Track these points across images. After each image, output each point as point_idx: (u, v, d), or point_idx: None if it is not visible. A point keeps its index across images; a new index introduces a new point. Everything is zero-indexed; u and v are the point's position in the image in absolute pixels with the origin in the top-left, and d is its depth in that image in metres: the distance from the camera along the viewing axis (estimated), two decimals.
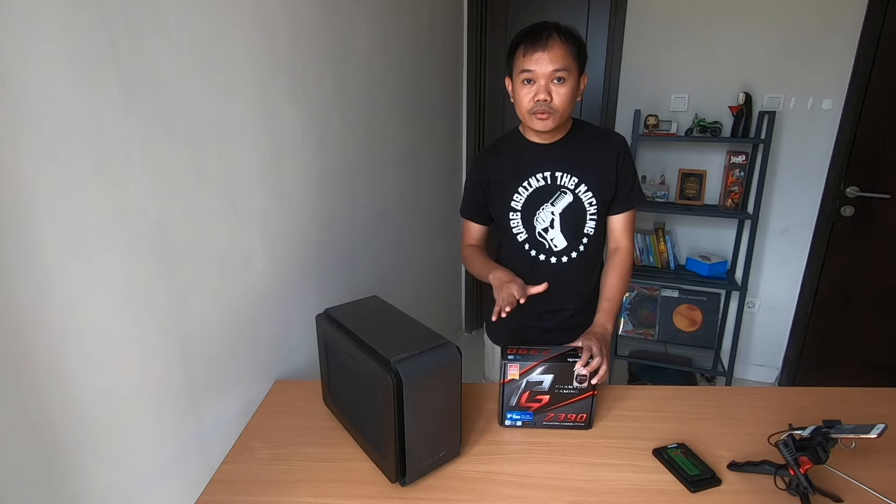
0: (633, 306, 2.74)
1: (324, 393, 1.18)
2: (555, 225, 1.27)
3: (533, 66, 1.12)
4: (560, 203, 1.26)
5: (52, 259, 0.74)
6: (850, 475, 0.93)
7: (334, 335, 1.05)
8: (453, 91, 2.63)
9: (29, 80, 0.69)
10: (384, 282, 1.89)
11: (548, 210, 1.27)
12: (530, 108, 1.16)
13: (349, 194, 1.61)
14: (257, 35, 1.14)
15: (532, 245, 1.29)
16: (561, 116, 1.17)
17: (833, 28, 2.23)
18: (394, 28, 1.85)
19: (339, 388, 1.11)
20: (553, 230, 1.28)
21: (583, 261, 1.31)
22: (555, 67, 1.11)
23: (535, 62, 1.12)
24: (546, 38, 1.11)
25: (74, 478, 0.80)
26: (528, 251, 1.30)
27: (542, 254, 1.30)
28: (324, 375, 1.15)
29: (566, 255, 1.29)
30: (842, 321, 2.54)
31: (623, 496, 0.92)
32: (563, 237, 1.28)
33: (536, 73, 1.12)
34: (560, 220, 1.27)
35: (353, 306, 1.15)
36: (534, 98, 1.15)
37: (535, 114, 1.16)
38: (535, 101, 1.15)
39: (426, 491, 0.93)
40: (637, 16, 2.46)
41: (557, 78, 1.13)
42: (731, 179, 2.43)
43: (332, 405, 1.15)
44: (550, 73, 1.12)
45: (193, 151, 0.99)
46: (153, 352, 0.93)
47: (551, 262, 1.30)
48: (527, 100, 1.16)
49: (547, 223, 1.28)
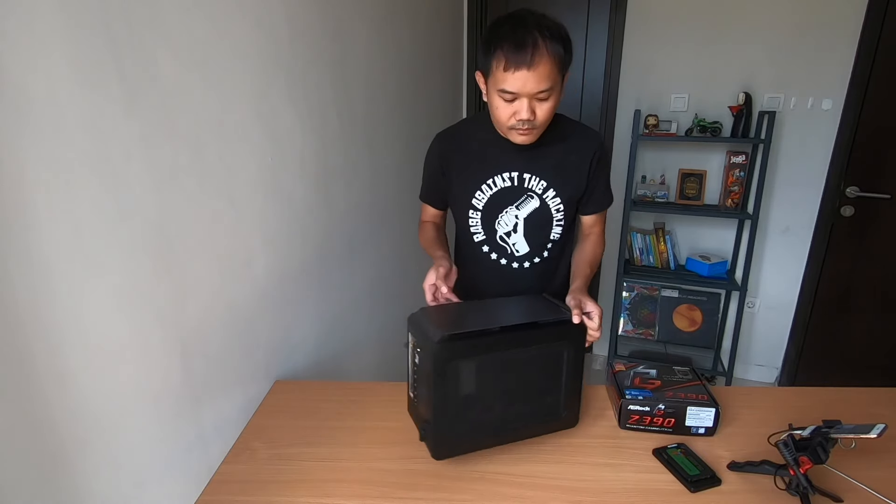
0: (633, 306, 2.74)
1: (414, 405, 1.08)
2: (518, 230, 1.20)
3: (516, 89, 0.99)
4: (525, 208, 1.18)
5: (52, 259, 0.73)
6: (850, 475, 0.93)
7: (474, 348, 0.96)
8: (453, 91, 2.63)
9: (29, 80, 0.69)
10: (384, 281, 1.89)
11: (511, 214, 1.18)
12: (511, 124, 1.06)
13: (349, 194, 1.61)
14: (257, 35, 1.14)
15: (492, 248, 1.22)
16: (542, 129, 1.08)
17: (833, 28, 2.23)
18: (394, 28, 1.85)
19: (486, 395, 1.01)
20: (516, 235, 1.20)
21: (546, 266, 1.26)
22: (540, 88, 0.99)
23: (518, 83, 0.98)
24: (532, 54, 0.96)
25: (74, 478, 0.80)
26: (488, 254, 1.22)
27: (503, 258, 1.23)
28: (438, 401, 0.96)
29: (528, 261, 1.24)
30: (842, 321, 2.54)
31: (623, 496, 0.92)
32: (525, 243, 1.21)
33: (519, 95, 1.00)
34: (524, 224, 1.19)
35: (439, 315, 1.04)
36: (514, 116, 1.03)
37: (515, 129, 1.06)
38: (518, 120, 1.04)
39: (426, 491, 0.93)
40: (637, 16, 2.46)
41: (542, 95, 1.01)
42: (731, 179, 2.43)
43: (457, 425, 1.00)
44: (535, 93, 1.00)
45: (193, 151, 0.99)
46: (153, 352, 0.93)
47: (513, 266, 1.24)
48: (506, 116, 1.05)
49: (510, 227, 1.20)
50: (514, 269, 1.24)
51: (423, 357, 0.95)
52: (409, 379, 1.05)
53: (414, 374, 1.02)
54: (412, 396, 1.05)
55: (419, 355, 0.97)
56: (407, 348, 1.02)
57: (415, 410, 1.05)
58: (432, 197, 1.30)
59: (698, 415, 1.05)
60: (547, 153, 1.16)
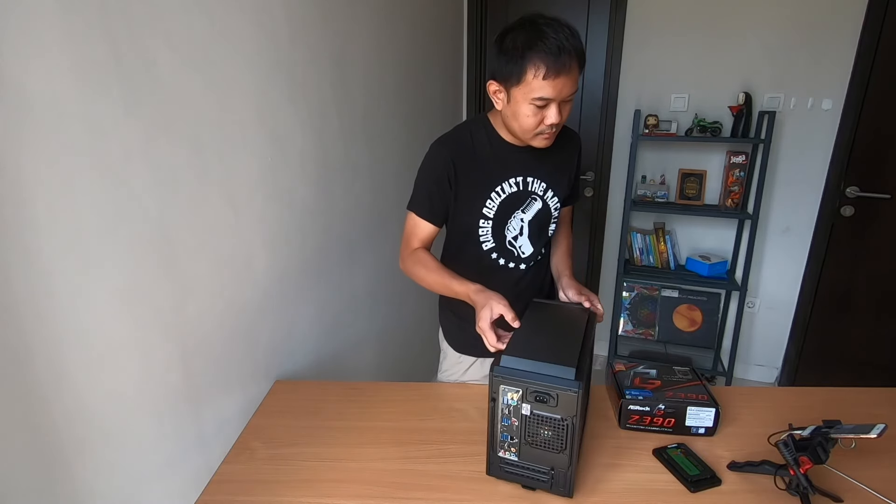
0: (633, 306, 2.74)
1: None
2: (524, 232, 1.21)
3: (553, 95, 0.99)
4: (530, 211, 1.20)
5: (53, 259, 0.74)
6: (850, 475, 0.93)
7: (583, 374, 0.87)
8: (453, 91, 2.63)
9: (29, 80, 0.69)
10: (384, 281, 1.89)
11: (518, 218, 1.20)
12: (539, 130, 1.06)
13: (349, 194, 1.61)
14: (257, 35, 1.14)
15: (500, 254, 1.22)
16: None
17: (833, 28, 2.23)
18: (394, 28, 1.85)
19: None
20: (522, 238, 1.22)
21: (543, 261, 1.30)
22: (572, 91, 1.01)
23: (556, 90, 0.99)
24: (568, 59, 0.97)
25: (74, 478, 0.80)
26: (496, 260, 1.23)
27: (510, 262, 1.24)
28: (576, 440, 0.87)
29: (533, 261, 1.26)
30: (842, 321, 2.54)
31: (623, 496, 0.92)
32: (530, 244, 1.23)
33: (554, 100, 1.01)
34: (528, 227, 1.21)
35: (532, 355, 0.88)
36: (545, 122, 1.04)
37: (542, 134, 1.07)
38: (547, 125, 1.04)
39: (426, 491, 0.93)
40: (637, 15, 2.46)
41: (570, 97, 1.03)
42: (731, 179, 2.43)
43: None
44: (567, 97, 1.02)
45: (193, 151, 0.99)
46: (153, 352, 0.93)
47: (520, 268, 1.25)
48: (534, 122, 1.04)
49: (517, 231, 1.21)
50: (520, 271, 1.26)
51: (562, 405, 0.84)
52: (499, 436, 0.90)
53: (525, 426, 0.88)
54: (507, 452, 0.91)
55: (543, 405, 0.85)
56: (495, 403, 0.88)
57: (515, 466, 0.92)
58: (435, 211, 1.17)
59: (698, 415, 1.05)
60: (542, 155, 1.17)
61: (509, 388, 0.86)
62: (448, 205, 1.17)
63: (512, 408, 0.88)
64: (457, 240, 1.24)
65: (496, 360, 0.89)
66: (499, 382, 0.87)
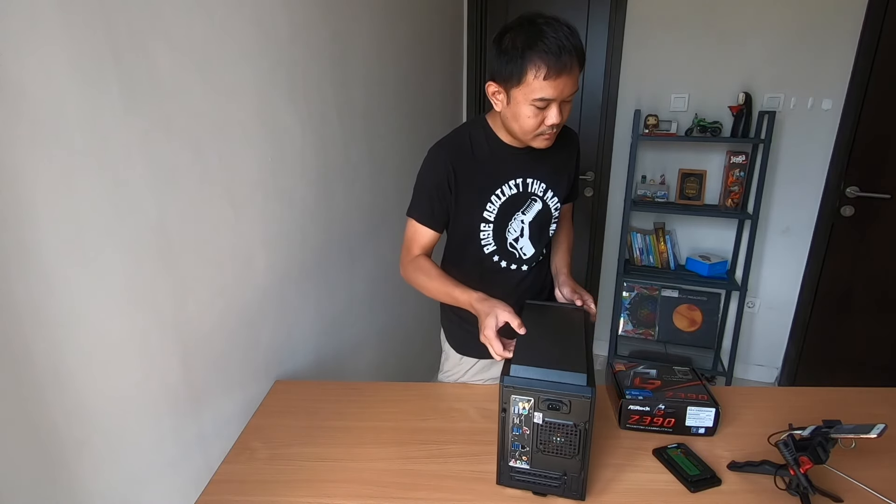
0: (633, 306, 2.74)
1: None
2: (524, 234, 1.21)
3: (554, 95, 0.99)
4: (531, 212, 1.20)
5: (52, 258, 0.74)
6: (850, 475, 0.93)
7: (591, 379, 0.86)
8: (453, 90, 2.63)
9: (29, 80, 0.69)
10: (384, 281, 1.89)
11: (518, 220, 1.19)
12: (540, 131, 1.05)
13: (349, 194, 1.61)
14: (257, 35, 1.14)
15: (502, 256, 1.22)
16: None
17: (833, 28, 2.23)
18: (394, 28, 1.85)
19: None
20: (523, 239, 1.22)
21: (544, 261, 1.30)
22: (573, 90, 1.01)
23: (558, 90, 0.98)
24: (569, 58, 0.96)
25: (74, 478, 0.80)
26: (498, 262, 1.22)
27: (512, 264, 1.23)
28: (588, 444, 0.87)
29: (535, 261, 1.26)
30: (842, 321, 2.54)
31: (623, 496, 0.92)
32: (531, 245, 1.23)
33: (555, 100, 1.00)
34: (529, 228, 1.21)
35: (540, 362, 0.88)
36: (545, 122, 1.03)
37: (543, 135, 1.06)
38: (548, 126, 1.04)
39: (426, 491, 0.93)
40: (637, 15, 2.46)
41: (570, 97, 1.03)
42: (731, 179, 2.43)
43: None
44: (567, 97, 1.02)
45: (193, 151, 0.99)
46: (153, 352, 0.93)
47: (522, 269, 1.25)
48: (535, 123, 1.03)
49: (517, 233, 1.21)
50: (522, 272, 1.25)
51: (574, 411, 0.84)
52: (510, 446, 0.89)
53: (537, 434, 0.87)
54: (517, 461, 0.90)
55: (556, 412, 0.85)
56: (506, 414, 0.87)
57: (526, 474, 0.91)
58: (436, 217, 1.16)
59: (698, 415, 1.05)
60: (541, 155, 1.17)
61: (521, 397, 0.85)
62: (448, 210, 1.16)
63: (523, 417, 0.87)
64: (458, 243, 1.24)
65: (505, 370, 0.88)
66: (510, 392, 0.85)
